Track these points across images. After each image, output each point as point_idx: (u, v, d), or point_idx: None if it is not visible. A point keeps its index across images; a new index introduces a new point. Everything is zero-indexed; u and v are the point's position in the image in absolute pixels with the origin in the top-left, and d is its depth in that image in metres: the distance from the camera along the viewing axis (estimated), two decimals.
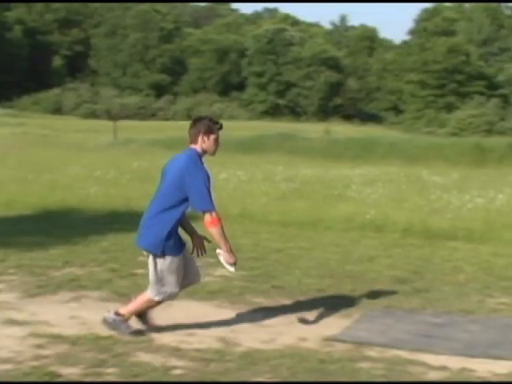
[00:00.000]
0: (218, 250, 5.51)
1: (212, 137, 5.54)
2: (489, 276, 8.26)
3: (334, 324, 6.10)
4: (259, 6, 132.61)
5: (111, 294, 6.92)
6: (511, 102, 59.65)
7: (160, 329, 5.73)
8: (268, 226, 11.59)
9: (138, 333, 5.60)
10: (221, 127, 5.58)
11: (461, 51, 65.71)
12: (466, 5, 79.29)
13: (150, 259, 5.50)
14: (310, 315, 6.34)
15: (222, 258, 5.50)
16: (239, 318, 6.23)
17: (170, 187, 5.42)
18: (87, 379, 4.66)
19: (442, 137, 46.04)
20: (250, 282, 7.51)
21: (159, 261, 5.46)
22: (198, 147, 5.52)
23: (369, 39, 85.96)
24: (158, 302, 5.64)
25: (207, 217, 5.40)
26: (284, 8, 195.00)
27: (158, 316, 5.81)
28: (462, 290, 7.47)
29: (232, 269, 5.54)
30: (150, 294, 5.57)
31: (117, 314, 5.60)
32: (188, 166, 5.37)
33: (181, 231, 5.68)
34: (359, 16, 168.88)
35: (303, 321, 6.06)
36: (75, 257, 8.59)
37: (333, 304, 6.75)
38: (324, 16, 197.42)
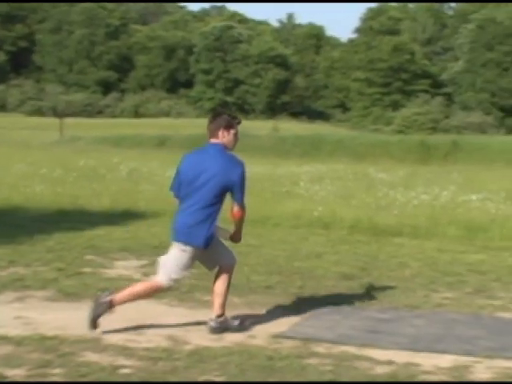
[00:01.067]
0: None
1: (232, 131, 5.72)
2: (433, 271, 8.39)
3: (283, 321, 6.12)
4: (207, 4, 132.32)
5: (57, 293, 6.83)
6: (455, 100, 60.65)
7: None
8: None
9: (243, 321, 5.83)
10: (239, 122, 5.78)
11: (406, 50, 66.60)
12: (411, 5, 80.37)
13: (182, 250, 5.60)
14: (259, 312, 6.36)
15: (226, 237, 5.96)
16: (188, 316, 6.21)
17: (214, 185, 5.55)
18: (32, 380, 4.59)
19: (388, 134, 46.63)
20: (199, 280, 7.48)
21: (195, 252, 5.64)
22: (219, 142, 5.66)
23: (316, 37, 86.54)
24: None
25: (241, 207, 5.79)
26: (231, 6, 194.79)
27: (106, 315, 5.75)
28: (408, 286, 7.58)
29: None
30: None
31: (217, 317, 5.70)
32: (240, 172, 5.66)
33: None
34: (306, 14, 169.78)
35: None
36: (20, 256, 8.45)
37: (281, 301, 6.78)
38: (271, 14, 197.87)
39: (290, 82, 78.53)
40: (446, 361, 5.15)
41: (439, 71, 67.22)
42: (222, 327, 5.72)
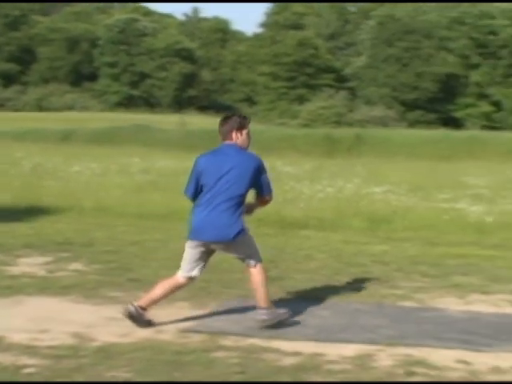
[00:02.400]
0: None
1: (244, 132, 5.87)
2: (339, 263, 8.55)
3: (190, 315, 6.13)
4: None
5: None
6: (358, 94, 61.90)
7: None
8: (124, 219, 11.46)
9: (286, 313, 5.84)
10: (249, 121, 5.97)
11: (310, 45, 67.46)
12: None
13: (221, 246, 5.82)
14: (167, 307, 6.34)
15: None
16: (94, 313, 6.14)
17: (241, 182, 5.71)
18: None
19: (294, 128, 47.15)
20: (105, 276, 7.40)
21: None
22: (233, 143, 5.83)
23: (221, 31, 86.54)
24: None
25: (269, 198, 6.07)
26: None
27: (9, 313, 5.61)
28: (313, 277, 7.71)
29: None
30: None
31: (265, 309, 5.77)
32: (259, 164, 5.85)
33: None
34: (212, 8, 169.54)
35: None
36: None
37: (189, 295, 6.77)
38: (177, 7, 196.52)
39: (197, 76, 78.31)
40: (350, 350, 5.27)
41: (343, 66, 68.40)
42: (272, 319, 5.73)
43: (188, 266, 5.90)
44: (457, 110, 59.07)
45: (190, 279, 5.94)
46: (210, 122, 51.61)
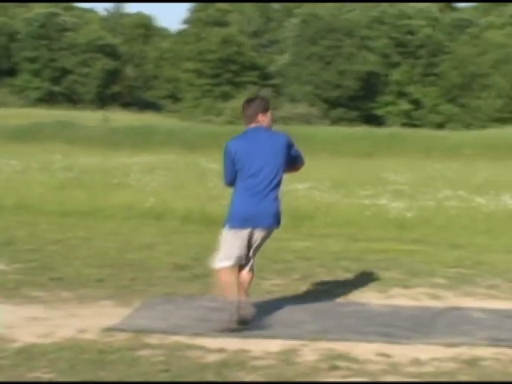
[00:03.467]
0: None
1: (269, 113, 5.93)
2: (262, 259, 8.56)
3: (114, 314, 6.07)
4: None
5: None
6: (282, 92, 62.31)
7: None
8: (45, 217, 11.26)
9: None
10: (269, 100, 6.10)
11: (234, 42, 67.51)
12: None
13: (263, 234, 5.85)
14: (90, 306, 6.27)
15: None
16: (15, 313, 6.02)
17: (279, 165, 5.75)
18: None
19: (219, 125, 47.13)
20: (26, 275, 7.27)
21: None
22: (259, 125, 5.84)
23: (144, 27, 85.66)
24: None
25: (301, 164, 6.14)
26: None
27: None
28: None
29: None
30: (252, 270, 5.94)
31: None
32: (289, 140, 5.93)
33: None
34: (134, 3, 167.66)
35: None
36: None
37: (113, 293, 6.72)
38: (98, 2, 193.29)
39: (120, 72, 77.36)
40: (274, 345, 5.32)
41: (267, 63, 68.72)
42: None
43: (231, 253, 5.81)
44: (378, 107, 60.10)
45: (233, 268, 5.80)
46: (134, 118, 51.16)
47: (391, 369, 4.87)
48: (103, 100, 72.02)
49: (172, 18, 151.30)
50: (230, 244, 5.83)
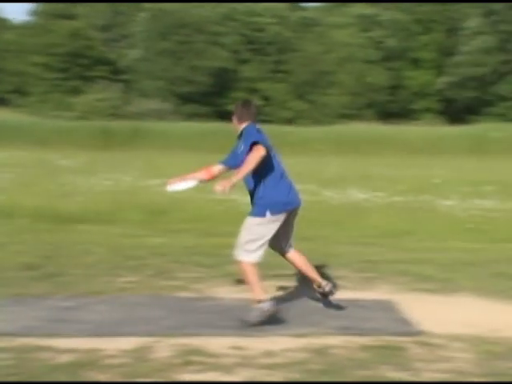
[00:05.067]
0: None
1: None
2: (117, 256, 8.54)
3: None
4: None
5: None
6: (134, 87, 61.64)
7: None
8: None
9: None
10: None
11: (83, 35, 66.06)
12: None
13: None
14: None
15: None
16: None
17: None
18: None
19: (70, 120, 46.04)
20: None
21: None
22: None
23: None
24: None
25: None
26: None
27: None
28: (92, 272, 7.63)
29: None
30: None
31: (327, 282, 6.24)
32: None
33: None
34: None
35: None
36: None
37: None
38: None
39: None
40: (129, 343, 5.30)
41: (117, 58, 67.71)
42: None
43: (261, 250, 5.93)
44: (230, 103, 60.67)
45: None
46: None
47: (244, 361, 4.97)
48: None
49: (16, 9, 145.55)
50: (263, 234, 6.00)
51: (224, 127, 38.73)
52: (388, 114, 53.91)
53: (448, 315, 6.28)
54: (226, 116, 52.97)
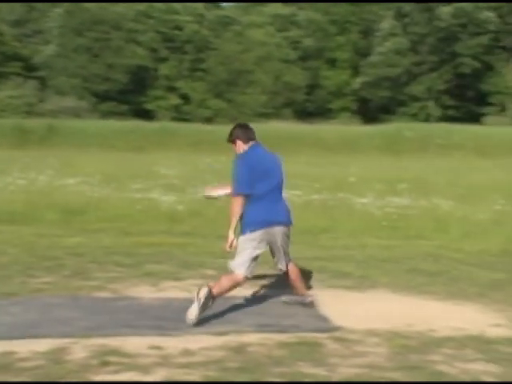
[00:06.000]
0: None
1: None
2: (32, 257, 8.35)
3: None
4: None
5: None
6: (49, 84, 60.39)
7: None
8: None
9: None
10: None
11: None
12: None
13: (285, 234, 6.19)
14: None
15: None
16: None
17: (282, 177, 6.31)
18: None
19: None
20: None
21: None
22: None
23: None
24: None
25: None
26: None
27: None
28: (5, 273, 7.45)
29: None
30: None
31: (305, 295, 6.49)
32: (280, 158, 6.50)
33: None
34: None
35: None
36: None
37: None
38: None
39: None
40: (43, 345, 5.19)
41: (31, 54, 66.19)
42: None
43: (247, 264, 6.00)
44: (148, 101, 60.17)
45: (247, 279, 6.09)
46: None
47: (162, 361, 4.94)
48: None
49: None
50: (247, 252, 6.10)
51: (142, 126, 38.43)
52: (305, 113, 54.52)
53: (365, 311, 6.40)
54: (143, 115, 52.59)
